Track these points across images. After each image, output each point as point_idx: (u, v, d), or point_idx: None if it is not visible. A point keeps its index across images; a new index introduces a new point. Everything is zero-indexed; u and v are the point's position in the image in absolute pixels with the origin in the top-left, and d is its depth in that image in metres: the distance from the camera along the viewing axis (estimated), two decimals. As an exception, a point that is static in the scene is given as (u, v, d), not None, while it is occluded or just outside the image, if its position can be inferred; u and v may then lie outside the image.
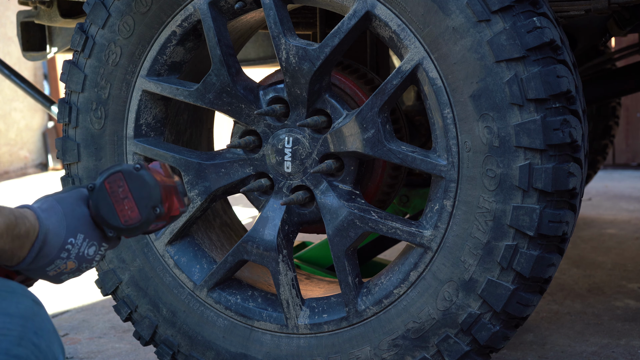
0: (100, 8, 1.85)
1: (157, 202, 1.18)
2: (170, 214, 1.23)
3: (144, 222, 1.18)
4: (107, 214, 1.16)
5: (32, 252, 1.10)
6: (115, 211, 1.16)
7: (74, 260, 1.15)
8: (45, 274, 1.15)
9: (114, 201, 1.16)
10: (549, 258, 1.58)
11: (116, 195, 1.17)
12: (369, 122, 1.66)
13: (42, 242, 1.11)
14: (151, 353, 2.33)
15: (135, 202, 1.17)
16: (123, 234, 1.19)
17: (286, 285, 1.79)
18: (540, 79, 1.51)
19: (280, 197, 1.79)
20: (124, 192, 1.17)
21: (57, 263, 1.14)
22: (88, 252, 1.17)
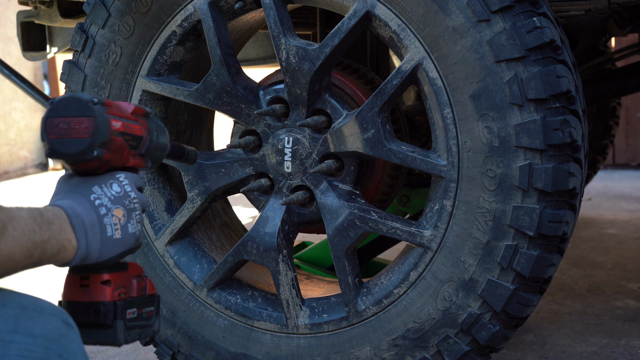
0: (100, 8, 1.85)
1: (88, 96, 1.08)
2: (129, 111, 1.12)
3: (99, 116, 1.06)
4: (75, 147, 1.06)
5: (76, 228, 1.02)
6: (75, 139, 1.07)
7: (114, 205, 1.07)
8: (114, 241, 1.06)
9: (66, 135, 1.07)
10: (549, 258, 1.58)
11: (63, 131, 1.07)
12: (369, 122, 1.66)
13: (76, 215, 1.02)
14: (151, 353, 2.33)
15: (76, 115, 1.07)
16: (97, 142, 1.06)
17: (286, 285, 1.79)
18: (540, 79, 1.51)
19: (280, 197, 1.80)
20: (64, 123, 1.07)
21: (107, 221, 1.05)
22: (113, 190, 1.08)
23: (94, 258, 1.04)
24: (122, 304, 1.08)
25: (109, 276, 1.08)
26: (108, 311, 1.07)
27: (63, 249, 1.00)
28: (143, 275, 1.15)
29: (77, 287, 1.08)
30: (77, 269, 1.08)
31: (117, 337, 1.07)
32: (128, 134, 1.11)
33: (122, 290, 1.10)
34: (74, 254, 1.01)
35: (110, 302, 1.07)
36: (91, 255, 1.03)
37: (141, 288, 1.13)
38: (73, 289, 1.08)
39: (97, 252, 1.04)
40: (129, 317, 1.09)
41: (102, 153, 1.07)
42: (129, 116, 1.12)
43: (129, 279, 1.12)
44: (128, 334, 1.09)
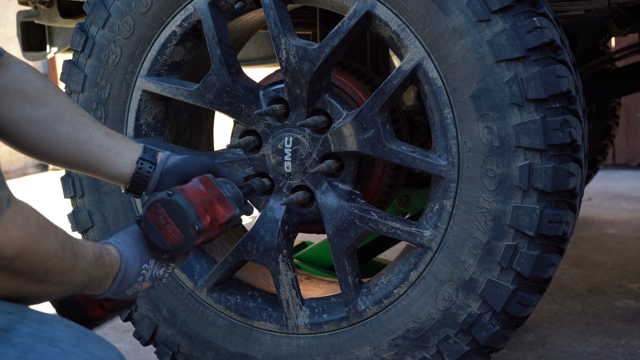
0: (100, 8, 1.85)
1: (194, 220, 1.30)
2: (219, 222, 1.35)
3: (188, 240, 1.31)
4: (157, 240, 1.31)
5: (116, 280, 1.25)
6: (161, 236, 1.30)
7: (149, 281, 1.32)
8: (124, 295, 1.30)
9: (158, 228, 1.30)
10: (549, 258, 1.58)
11: (159, 223, 1.30)
12: (369, 122, 1.66)
13: (124, 271, 1.26)
14: (151, 353, 2.33)
15: (176, 224, 1.30)
16: (175, 253, 1.33)
17: (286, 285, 1.79)
18: (540, 79, 1.51)
19: (280, 197, 1.79)
20: (164, 219, 1.30)
21: (134, 286, 1.30)
22: (159, 272, 1.34)
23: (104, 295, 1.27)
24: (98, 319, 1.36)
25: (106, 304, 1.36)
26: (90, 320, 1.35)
27: (97, 289, 1.22)
28: None
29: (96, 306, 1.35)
30: None
31: None
32: (202, 243, 1.36)
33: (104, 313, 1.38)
34: (102, 293, 1.26)
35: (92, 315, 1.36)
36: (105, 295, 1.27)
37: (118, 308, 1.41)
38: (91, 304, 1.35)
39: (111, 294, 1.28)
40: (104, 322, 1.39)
41: (172, 268, 1.38)
42: (215, 228, 1.36)
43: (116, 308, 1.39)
44: None
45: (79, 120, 1.45)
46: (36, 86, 1.43)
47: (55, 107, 1.43)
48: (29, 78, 1.43)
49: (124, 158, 1.48)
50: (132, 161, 1.48)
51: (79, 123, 1.45)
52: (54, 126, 1.43)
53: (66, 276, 1.09)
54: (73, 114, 1.45)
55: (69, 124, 1.44)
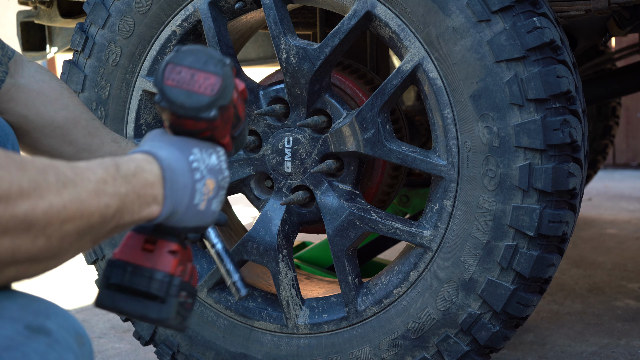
0: (100, 8, 1.85)
1: (220, 55, 0.99)
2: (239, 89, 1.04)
3: (225, 77, 0.98)
4: (193, 101, 0.96)
5: (166, 183, 0.92)
6: (196, 93, 0.97)
7: (209, 175, 0.98)
8: (196, 211, 0.96)
9: (186, 87, 0.97)
10: (549, 258, 1.58)
11: (184, 81, 0.97)
12: (369, 122, 1.66)
13: (170, 169, 0.93)
14: (151, 353, 2.33)
15: (203, 69, 0.98)
16: (219, 103, 0.98)
17: (286, 285, 1.79)
18: (540, 79, 1.51)
19: (280, 197, 1.80)
20: (187, 72, 0.97)
21: (198, 188, 0.96)
22: (212, 161, 1.00)
23: (172, 221, 0.95)
24: (180, 282, 0.97)
25: (178, 247, 0.97)
26: (167, 285, 0.95)
27: (146, 204, 0.89)
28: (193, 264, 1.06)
29: (138, 249, 0.97)
30: (144, 230, 0.98)
31: (169, 315, 0.95)
32: (236, 109, 1.04)
33: (182, 267, 0.99)
34: (159, 212, 0.92)
35: (172, 275, 0.96)
36: (172, 216, 0.94)
37: (191, 275, 1.03)
38: (134, 249, 0.97)
39: (179, 215, 0.94)
40: (181, 299, 0.97)
41: (217, 116, 0.97)
42: (239, 93, 1.05)
43: (188, 261, 1.01)
44: (176, 316, 0.97)
45: (92, 125, 1.41)
46: (53, 87, 1.38)
47: (72, 110, 1.39)
48: (45, 78, 1.38)
49: None
50: None
51: (92, 128, 1.41)
52: (74, 131, 1.37)
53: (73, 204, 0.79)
54: (87, 117, 1.41)
55: (85, 128, 1.39)
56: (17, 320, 0.78)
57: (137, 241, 0.98)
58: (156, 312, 0.95)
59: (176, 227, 0.96)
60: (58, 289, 3.23)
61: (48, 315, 0.81)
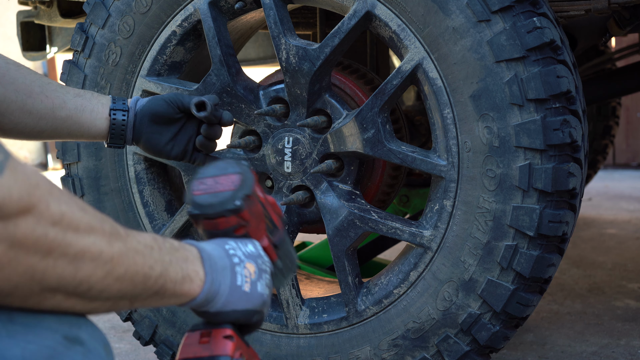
0: (100, 8, 1.85)
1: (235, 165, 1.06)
2: None
3: (244, 173, 1.05)
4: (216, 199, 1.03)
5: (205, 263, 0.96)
6: (218, 192, 1.04)
7: (247, 260, 1.01)
8: (242, 292, 0.99)
9: (213, 191, 1.03)
10: (549, 258, 1.58)
11: (210, 187, 1.04)
12: (369, 122, 1.66)
13: (207, 253, 0.97)
14: (151, 353, 2.33)
15: (224, 173, 1.05)
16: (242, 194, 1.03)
17: (286, 285, 1.79)
18: (540, 79, 1.51)
19: (280, 197, 1.80)
20: (211, 180, 1.05)
21: (238, 270, 0.99)
22: (248, 249, 1.03)
23: (219, 303, 0.97)
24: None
25: (232, 332, 1.00)
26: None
27: (188, 278, 0.93)
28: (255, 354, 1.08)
29: (196, 344, 1.00)
30: (198, 327, 1.02)
31: None
32: (267, 213, 1.09)
33: (241, 351, 1.01)
34: (201, 287, 0.94)
35: (231, 357, 0.99)
36: (217, 298, 0.97)
37: (251, 358, 1.05)
38: (191, 346, 1.01)
39: (224, 296, 0.97)
40: None
41: (243, 207, 1.03)
42: (267, 200, 1.12)
43: (246, 346, 1.04)
44: None
45: (48, 88, 1.45)
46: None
47: (22, 81, 1.43)
48: None
49: (99, 114, 1.50)
50: (106, 116, 1.50)
51: (49, 91, 1.45)
52: (29, 100, 1.41)
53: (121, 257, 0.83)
54: (40, 83, 1.44)
55: (40, 94, 1.43)
56: (56, 331, 0.82)
57: (194, 338, 1.01)
58: None
59: (224, 311, 0.99)
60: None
61: (80, 326, 0.85)
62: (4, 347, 0.77)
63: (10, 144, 7.62)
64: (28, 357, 0.78)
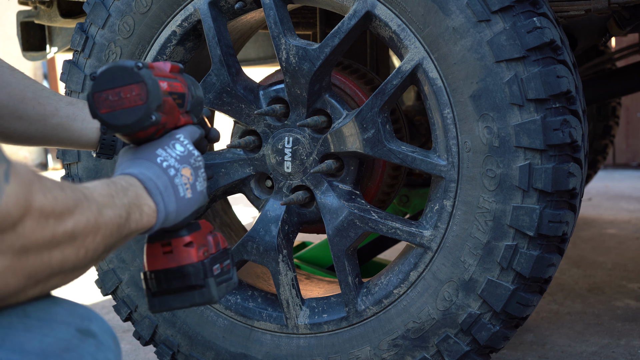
0: (100, 8, 1.85)
1: (132, 63, 1.04)
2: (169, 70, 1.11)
3: (148, 80, 1.03)
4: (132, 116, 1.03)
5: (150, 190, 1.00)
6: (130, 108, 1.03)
7: (181, 165, 1.06)
8: (186, 200, 1.04)
9: (119, 107, 1.03)
10: (549, 258, 1.59)
11: (115, 103, 1.03)
12: (369, 122, 1.66)
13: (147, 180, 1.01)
14: (151, 353, 2.34)
15: (125, 84, 1.03)
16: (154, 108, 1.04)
17: (286, 285, 1.79)
18: (540, 79, 1.51)
19: (280, 197, 1.80)
20: (114, 94, 1.04)
21: (177, 182, 1.04)
22: (177, 151, 1.08)
23: (171, 220, 1.03)
24: (209, 262, 1.08)
25: (190, 237, 1.07)
26: (198, 272, 1.06)
27: (145, 213, 0.99)
28: (214, 231, 1.15)
29: (160, 256, 1.07)
30: (155, 237, 1.07)
31: (212, 295, 1.07)
32: (174, 92, 1.10)
33: (204, 249, 1.09)
34: (155, 218, 1.01)
35: (198, 262, 1.06)
36: (169, 217, 1.02)
37: (217, 243, 1.13)
38: (157, 258, 1.07)
39: (174, 213, 1.03)
40: (216, 273, 1.09)
41: (160, 116, 1.05)
42: (169, 75, 1.11)
43: (205, 237, 1.11)
44: (219, 289, 1.09)
45: (41, 95, 1.44)
46: None
47: (15, 86, 1.42)
48: None
49: (90, 124, 1.48)
50: (97, 126, 1.48)
51: (42, 97, 1.43)
52: (21, 106, 1.40)
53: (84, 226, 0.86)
54: (34, 89, 1.43)
55: (33, 100, 1.42)
56: (69, 325, 0.86)
57: (156, 250, 1.06)
58: (201, 298, 1.07)
59: (176, 222, 1.04)
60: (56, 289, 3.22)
61: (90, 319, 0.89)
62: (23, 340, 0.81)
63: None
64: (46, 349, 0.82)
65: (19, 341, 0.81)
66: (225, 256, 1.14)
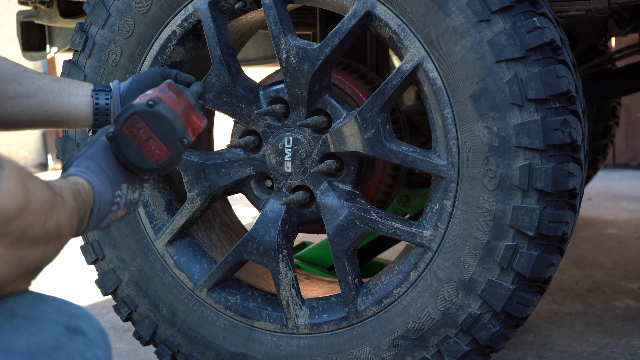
0: (100, 8, 1.85)
1: (183, 133, 1.13)
2: (195, 134, 1.20)
3: (176, 155, 1.13)
4: (137, 159, 1.11)
5: (92, 215, 1.07)
6: (143, 154, 1.11)
7: (123, 208, 1.15)
8: (98, 228, 1.14)
9: (138, 145, 1.10)
10: (549, 258, 1.58)
11: (139, 139, 1.10)
12: (369, 122, 1.66)
13: (99, 204, 1.08)
14: (151, 353, 2.34)
15: (161, 139, 1.11)
16: (158, 172, 1.15)
17: (286, 285, 1.79)
18: (540, 79, 1.51)
19: (280, 197, 1.79)
20: (145, 133, 1.10)
21: (109, 217, 1.13)
22: (134, 197, 1.17)
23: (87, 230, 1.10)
24: None
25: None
26: None
27: (80, 229, 1.05)
28: None
29: None
30: None
31: None
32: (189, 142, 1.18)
33: None
34: (82, 231, 1.07)
35: None
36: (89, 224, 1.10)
37: None
38: None
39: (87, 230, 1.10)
40: None
41: (150, 179, 1.16)
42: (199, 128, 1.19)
43: None
44: None
45: (22, 76, 1.42)
46: None
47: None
48: None
49: (79, 97, 1.44)
50: (87, 96, 1.44)
51: (23, 78, 1.41)
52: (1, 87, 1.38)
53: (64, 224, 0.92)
54: (14, 71, 1.41)
55: (14, 82, 1.40)
56: (57, 323, 0.87)
57: None
58: None
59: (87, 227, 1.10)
60: (57, 288, 3.22)
61: (79, 317, 0.90)
62: (10, 340, 0.81)
63: (11, 144, 7.62)
64: (33, 348, 0.82)
65: (6, 341, 0.81)
66: None
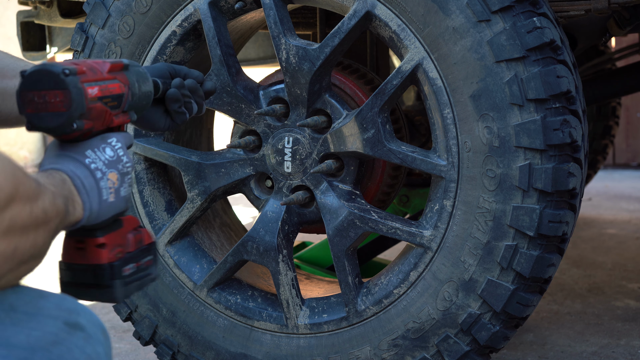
0: (100, 8, 1.85)
1: (59, 67, 1.03)
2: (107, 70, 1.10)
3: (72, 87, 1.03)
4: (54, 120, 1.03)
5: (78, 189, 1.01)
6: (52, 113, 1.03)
7: (109, 169, 1.07)
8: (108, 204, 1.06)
9: (43, 110, 1.04)
10: (549, 258, 1.59)
11: (39, 105, 1.04)
12: (369, 122, 1.66)
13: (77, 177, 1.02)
14: (151, 353, 2.34)
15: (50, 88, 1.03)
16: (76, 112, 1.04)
17: (286, 285, 1.79)
18: (540, 79, 1.51)
19: (280, 197, 1.79)
20: (38, 95, 1.03)
21: (103, 185, 1.05)
22: (107, 154, 1.08)
23: (92, 220, 1.04)
24: (119, 264, 1.09)
25: (104, 239, 1.08)
26: (105, 273, 1.08)
27: (75, 209, 1.00)
28: (139, 227, 1.15)
29: (74, 250, 1.08)
30: (72, 232, 1.08)
31: (115, 296, 1.09)
32: (107, 96, 1.09)
33: (118, 250, 1.10)
34: (82, 215, 1.02)
35: (106, 264, 1.08)
36: (91, 217, 1.04)
37: (138, 241, 1.14)
38: (70, 251, 1.09)
39: (95, 214, 1.04)
40: (126, 273, 1.10)
41: (82, 124, 1.05)
42: (105, 77, 1.11)
43: (125, 236, 1.12)
44: (127, 289, 1.11)
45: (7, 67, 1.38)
46: None
47: None
48: None
49: None
50: None
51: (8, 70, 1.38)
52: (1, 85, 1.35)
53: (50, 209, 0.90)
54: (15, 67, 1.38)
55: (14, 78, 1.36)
56: (57, 318, 0.87)
57: (71, 243, 1.08)
58: (107, 297, 1.09)
59: (94, 223, 1.05)
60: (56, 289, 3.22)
61: (78, 312, 0.90)
62: (10, 335, 0.82)
63: (11, 144, 7.62)
64: (33, 343, 0.82)
65: (6, 335, 0.82)
66: (146, 253, 1.15)
